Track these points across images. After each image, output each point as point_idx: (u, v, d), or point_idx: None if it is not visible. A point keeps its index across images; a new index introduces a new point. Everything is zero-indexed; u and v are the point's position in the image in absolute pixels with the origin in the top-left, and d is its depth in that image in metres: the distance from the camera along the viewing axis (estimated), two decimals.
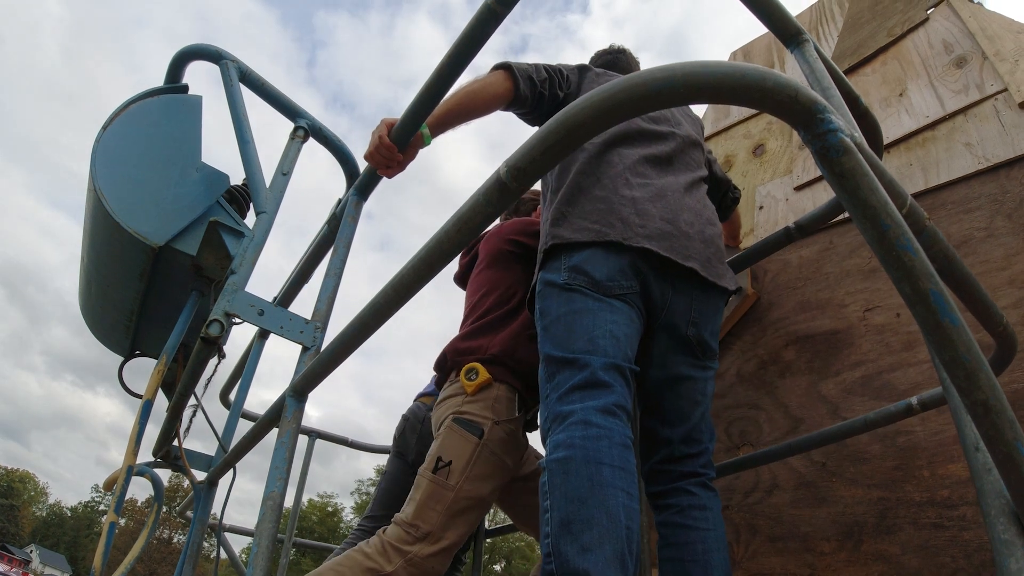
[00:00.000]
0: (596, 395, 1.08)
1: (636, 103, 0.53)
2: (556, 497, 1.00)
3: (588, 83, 1.53)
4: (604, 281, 1.19)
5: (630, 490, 1.01)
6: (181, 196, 1.54)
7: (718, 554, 1.16)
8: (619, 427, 1.06)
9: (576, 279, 1.20)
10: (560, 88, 1.49)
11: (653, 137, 1.44)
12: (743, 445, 1.95)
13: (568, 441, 1.03)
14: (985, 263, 1.61)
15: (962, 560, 1.33)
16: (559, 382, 1.14)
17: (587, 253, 1.22)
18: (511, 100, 1.41)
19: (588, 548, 0.93)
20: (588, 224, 1.25)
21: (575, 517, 0.96)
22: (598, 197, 1.29)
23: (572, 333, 1.16)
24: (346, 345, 0.98)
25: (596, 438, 1.02)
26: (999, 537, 0.60)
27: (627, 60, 1.83)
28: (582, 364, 1.12)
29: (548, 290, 1.24)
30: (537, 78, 1.43)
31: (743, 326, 2.15)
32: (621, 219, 1.24)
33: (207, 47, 1.66)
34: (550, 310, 1.22)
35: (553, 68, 1.50)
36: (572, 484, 0.99)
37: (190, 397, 1.56)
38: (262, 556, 0.98)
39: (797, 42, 1.05)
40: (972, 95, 1.88)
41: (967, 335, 0.51)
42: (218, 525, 2.26)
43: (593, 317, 1.16)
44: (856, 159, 0.48)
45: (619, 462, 1.02)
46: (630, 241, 1.21)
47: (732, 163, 2.68)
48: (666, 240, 1.24)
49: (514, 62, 1.43)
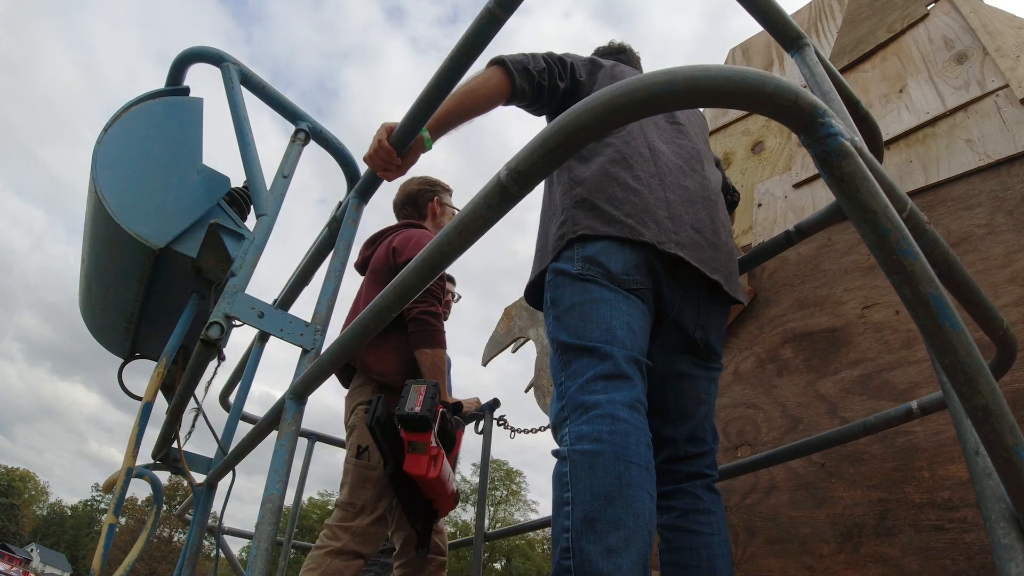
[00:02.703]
0: (620, 387, 1.06)
1: (637, 106, 0.53)
2: (580, 492, 0.97)
3: (603, 78, 1.47)
4: (620, 275, 1.16)
5: (653, 492, 0.99)
6: (182, 198, 1.54)
7: (722, 559, 1.15)
8: (643, 425, 1.04)
9: (591, 269, 1.17)
10: (560, 79, 1.41)
11: (676, 133, 1.41)
12: (741, 445, 1.95)
13: (595, 434, 1.00)
14: (986, 260, 1.60)
15: (963, 563, 1.33)
16: (576, 370, 1.10)
17: (602, 245, 1.18)
18: (509, 96, 1.36)
19: (614, 550, 0.91)
20: (622, 216, 1.19)
21: (600, 516, 0.94)
22: (632, 188, 1.23)
23: (588, 322, 1.13)
24: (346, 348, 0.98)
25: (624, 434, 1.00)
26: (999, 542, 0.61)
27: (628, 57, 1.81)
28: (603, 354, 1.08)
29: (560, 279, 1.21)
30: (535, 69, 1.37)
31: (740, 324, 2.15)
32: (656, 221, 1.20)
33: (208, 50, 1.66)
34: (563, 298, 1.19)
35: (554, 58, 1.43)
36: (599, 480, 0.96)
37: (190, 399, 1.56)
38: (261, 559, 0.98)
39: (797, 46, 1.04)
40: (973, 91, 1.88)
41: (967, 339, 0.51)
42: (217, 527, 2.27)
43: (610, 307, 1.13)
44: (856, 163, 0.48)
45: (645, 462, 0.99)
46: (664, 246, 1.17)
47: (731, 160, 2.68)
48: (696, 250, 1.22)
49: (509, 56, 1.36)
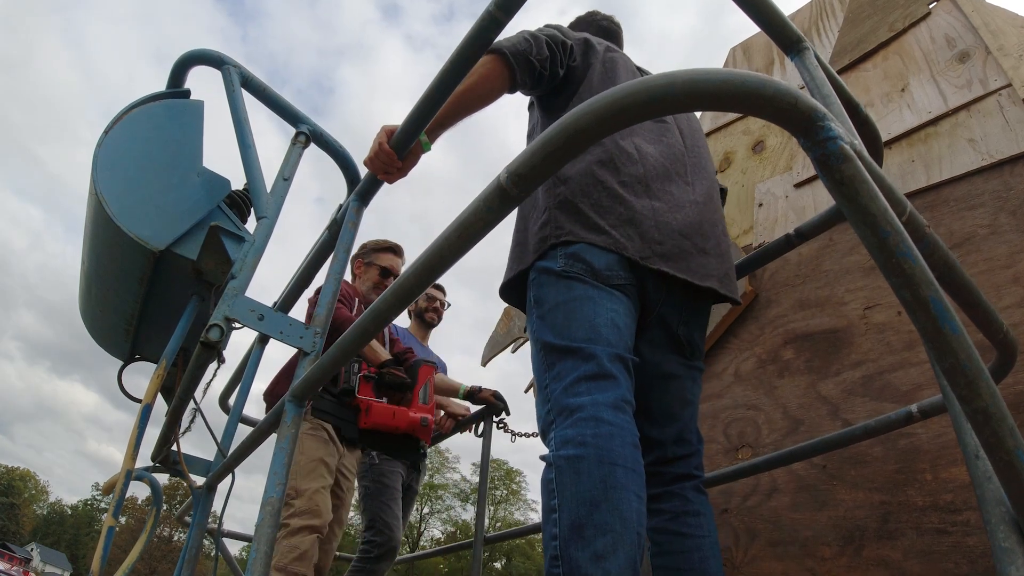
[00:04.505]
0: (604, 387, 1.05)
1: (638, 110, 0.54)
2: (566, 498, 0.96)
3: (596, 64, 1.43)
4: (603, 271, 1.15)
5: (641, 493, 0.99)
6: (182, 201, 1.54)
7: (714, 561, 1.14)
8: (629, 425, 1.04)
9: (574, 266, 1.16)
10: (560, 66, 1.37)
11: (663, 132, 1.39)
12: (742, 447, 1.95)
13: (579, 438, 0.99)
14: (988, 261, 1.60)
15: (966, 566, 1.33)
16: (560, 372, 1.10)
17: (585, 244, 1.18)
18: (509, 88, 1.33)
19: (602, 556, 0.91)
20: (606, 226, 1.18)
21: (587, 521, 0.93)
22: (618, 196, 1.22)
23: (572, 321, 1.12)
24: (346, 351, 0.98)
25: (608, 436, 0.99)
26: (1000, 545, 0.60)
27: (616, 35, 1.76)
28: (587, 354, 1.08)
29: (544, 277, 1.20)
30: (537, 59, 1.30)
31: (741, 324, 2.15)
32: (641, 233, 1.19)
33: (209, 52, 1.66)
34: (547, 298, 1.18)
35: (556, 42, 1.37)
36: (584, 485, 0.96)
37: (189, 402, 1.56)
38: (260, 561, 0.98)
39: (797, 49, 1.04)
40: (975, 90, 1.87)
41: (967, 343, 0.51)
42: (217, 530, 2.27)
43: (594, 305, 1.13)
44: (856, 167, 0.48)
45: (631, 463, 0.99)
46: (647, 262, 1.17)
47: (731, 160, 2.68)
48: (683, 259, 1.21)
49: (509, 46, 1.28)
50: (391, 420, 2.08)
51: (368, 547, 2.51)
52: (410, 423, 2.10)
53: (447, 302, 3.20)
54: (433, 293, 3.14)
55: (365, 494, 2.60)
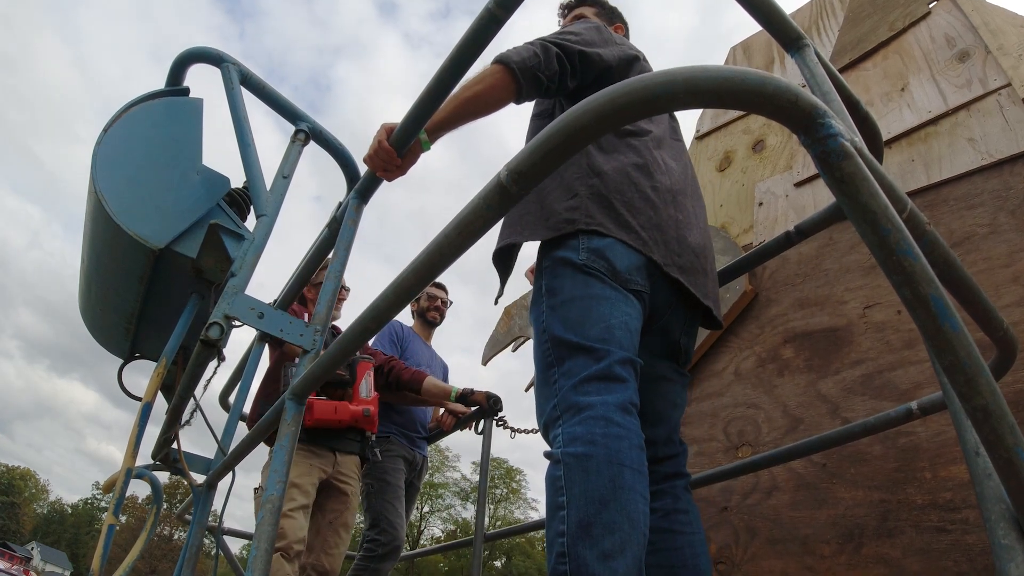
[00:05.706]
0: (614, 389, 1.06)
1: (638, 107, 0.53)
2: (574, 495, 0.97)
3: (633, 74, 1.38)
4: (623, 272, 1.16)
5: (646, 495, 1.00)
6: (182, 199, 1.54)
7: (704, 558, 1.17)
8: (636, 427, 1.05)
9: (596, 263, 1.15)
10: (572, 77, 1.31)
11: (680, 152, 1.43)
12: (741, 445, 1.95)
13: (588, 436, 1.00)
14: (988, 260, 1.60)
15: (965, 564, 1.33)
16: (571, 368, 1.10)
17: (609, 241, 1.17)
18: (515, 100, 1.31)
19: (609, 555, 0.91)
20: (636, 226, 1.19)
21: (595, 520, 0.94)
22: (650, 200, 1.24)
23: (588, 319, 1.12)
24: (346, 349, 0.98)
25: (617, 437, 1.00)
26: (999, 542, 0.60)
27: (625, 28, 1.72)
28: (600, 354, 1.08)
29: (562, 268, 1.19)
30: (545, 73, 1.26)
31: (740, 323, 2.15)
32: (665, 241, 1.22)
33: (208, 50, 1.66)
34: (563, 289, 1.17)
35: (570, 54, 1.30)
36: (593, 484, 0.96)
37: (189, 400, 1.56)
38: (261, 559, 0.98)
39: (797, 47, 1.04)
40: (975, 90, 1.87)
41: (967, 340, 0.51)
42: (217, 528, 2.27)
43: (611, 305, 1.13)
44: (856, 164, 0.48)
45: (638, 465, 1.00)
46: (668, 269, 1.20)
47: (732, 159, 2.68)
48: (693, 275, 1.25)
49: (517, 60, 1.23)
50: (333, 415, 2.22)
51: (372, 546, 2.51)
52: (352, 415, 2.25)
53: (449, 300, 3.20)
54: (434, 292, 3.14)
55: (368, 492, 2.60)
